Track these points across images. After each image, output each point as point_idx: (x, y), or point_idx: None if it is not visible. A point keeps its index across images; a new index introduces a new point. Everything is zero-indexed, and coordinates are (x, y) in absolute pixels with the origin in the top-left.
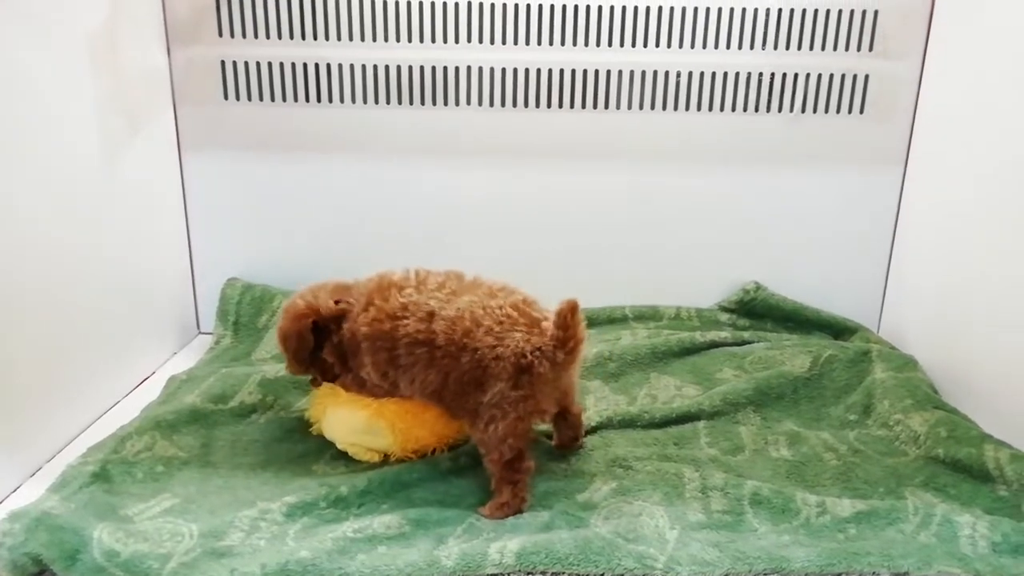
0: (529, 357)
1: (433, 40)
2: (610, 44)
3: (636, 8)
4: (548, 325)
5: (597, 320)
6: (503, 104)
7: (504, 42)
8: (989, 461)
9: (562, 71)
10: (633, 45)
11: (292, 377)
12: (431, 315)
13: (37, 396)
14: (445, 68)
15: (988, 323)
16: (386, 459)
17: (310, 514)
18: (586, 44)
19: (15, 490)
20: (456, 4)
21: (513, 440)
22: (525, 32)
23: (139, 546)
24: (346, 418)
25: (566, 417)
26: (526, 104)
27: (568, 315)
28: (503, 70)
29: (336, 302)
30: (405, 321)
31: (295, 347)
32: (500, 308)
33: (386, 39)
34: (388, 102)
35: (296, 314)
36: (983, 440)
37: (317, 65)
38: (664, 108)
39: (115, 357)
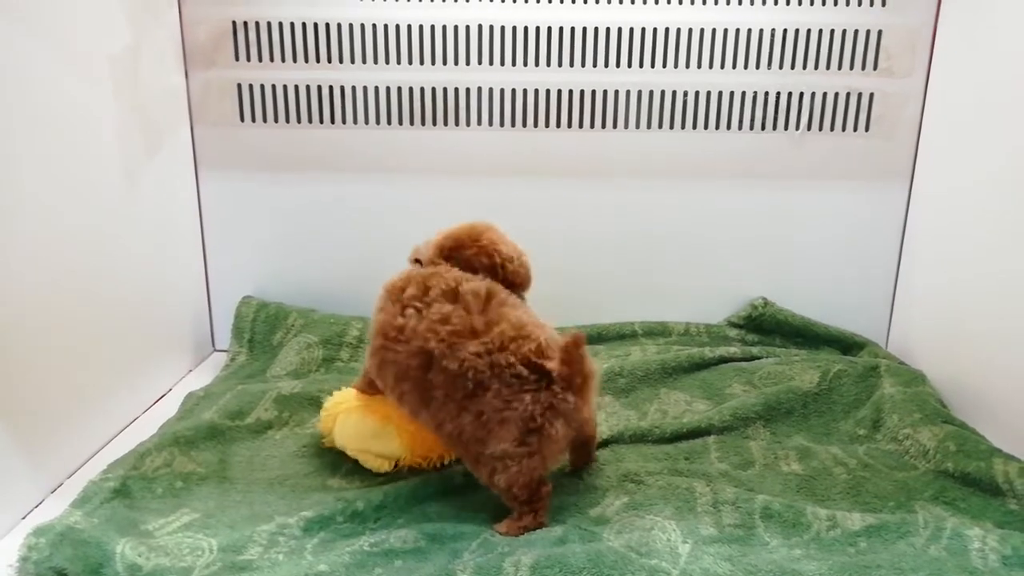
0: (539, 420)
1: (444, 63)
2: (618, 65)
3: (643, 29)
4: (554, 366)
5: (607, 336)
6: (512, 124)
7: (514, 63)
8: (999, 475)
9: (571, 91)
10: (640, 65)
11: (307, 394)
12: (429, 357)
13: (57, 413)
14: (456, 89)
15: (996, 337)
16: (397, 467)
17: (327, 528)
18: (594, 65)
19: (37, 505)
20: (467, 27)
21: (519, 489)
22: (535, 53)
23: (160, 560)
24: (356, 423)
25: (584, 444)
26: (535, 124)
27: (572, 350)
28: (512, 91)
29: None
30: (397, 349)
31: None
32: (511, 366)
33: (398, 61)
34: (400, 123)
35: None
36: (992, 454)
37: (331, 87)
38: (671, 127)
39: (133, 374)
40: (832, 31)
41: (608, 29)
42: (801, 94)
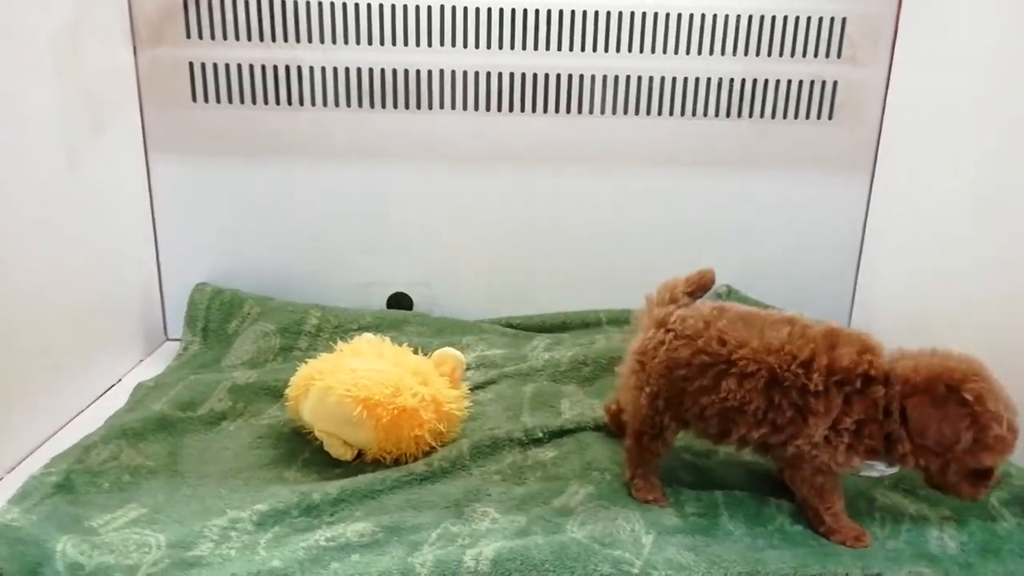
0: None
1: (406, 43)
2: (583, 49)
3: (609, 13)
4: None
5: (572, 324)
6: (476, 108)
7: (478, 46)
8: None
9: (536, 75)
10: (607, 50)
11: (262, 384)
12: None
13: None
14: (418, 72)
15: (955, 324)
16: (359, 457)
17: (282, 523)
18: (559, 48)
19: None
20: (429, 7)
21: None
22: (499, 36)
23: (105, 558)
24: (333, 405)
25: None
26: (499, 108)
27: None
28: (476, 74)
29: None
30: None
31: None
32: None
33: (358, 42)
34: (360, 105)
35: None
36: None
37: (288, 67)
38: (637, 113)
39: (79, 364)
40: (796, 18)
41: (573, 12)
42: (766, 81)
